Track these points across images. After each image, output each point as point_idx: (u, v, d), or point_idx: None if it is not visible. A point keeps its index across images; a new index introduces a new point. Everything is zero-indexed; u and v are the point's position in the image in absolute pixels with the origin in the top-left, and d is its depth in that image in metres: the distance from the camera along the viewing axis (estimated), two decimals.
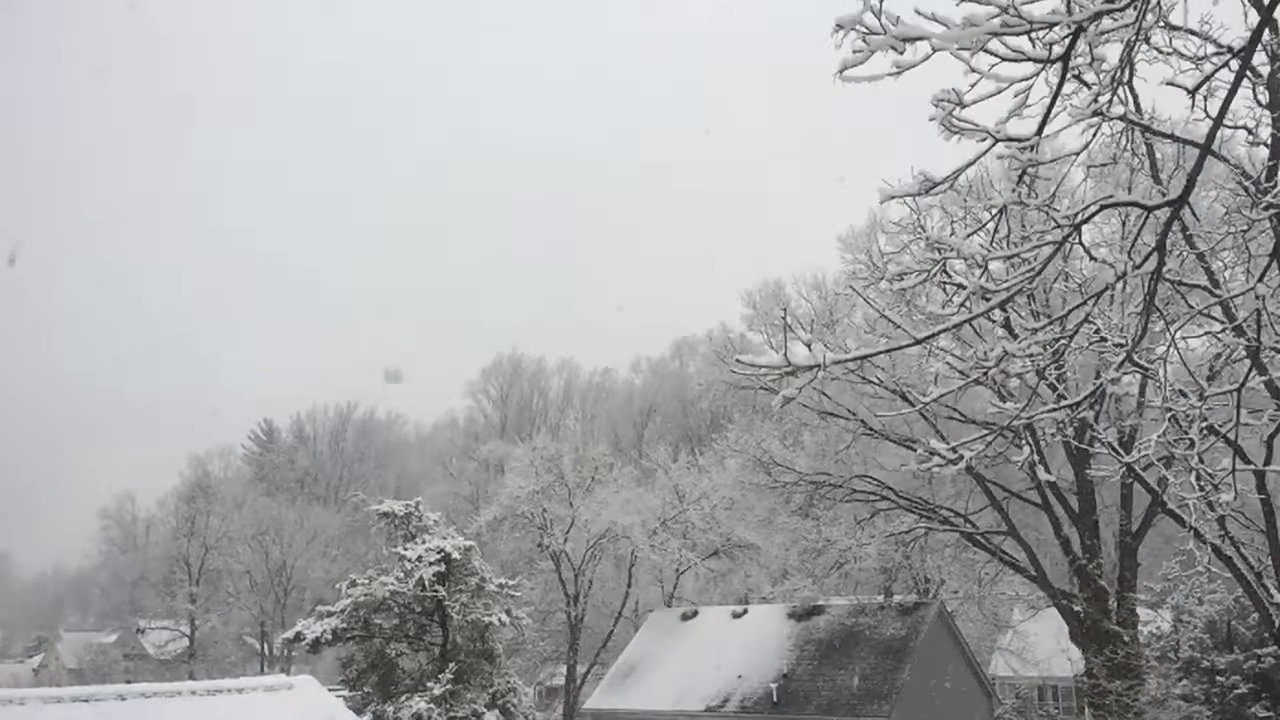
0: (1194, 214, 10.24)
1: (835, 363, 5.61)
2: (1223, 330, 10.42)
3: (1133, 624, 28.79)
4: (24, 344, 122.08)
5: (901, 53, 5.25)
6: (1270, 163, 11.24)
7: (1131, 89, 6.71)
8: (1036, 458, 23.60)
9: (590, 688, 44.03)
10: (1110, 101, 6.23)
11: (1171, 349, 8.37)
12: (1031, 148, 5.73)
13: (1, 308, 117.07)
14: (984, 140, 5.71)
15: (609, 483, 49.42)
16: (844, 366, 6.36)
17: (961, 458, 7.32)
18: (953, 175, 5.93)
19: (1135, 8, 5.59)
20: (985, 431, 8.26)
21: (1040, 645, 41.52)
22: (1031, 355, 7.35)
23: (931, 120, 5.66)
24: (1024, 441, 20.42)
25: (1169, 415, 8.54)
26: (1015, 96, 5.75)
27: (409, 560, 33.65)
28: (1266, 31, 6.13)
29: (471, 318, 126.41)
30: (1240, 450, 10.03)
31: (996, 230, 6.86)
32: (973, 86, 5.60)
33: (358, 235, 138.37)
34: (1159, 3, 6.28)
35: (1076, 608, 28.74)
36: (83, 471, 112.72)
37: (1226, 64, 7.72)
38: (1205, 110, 7.97)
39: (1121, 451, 11.44)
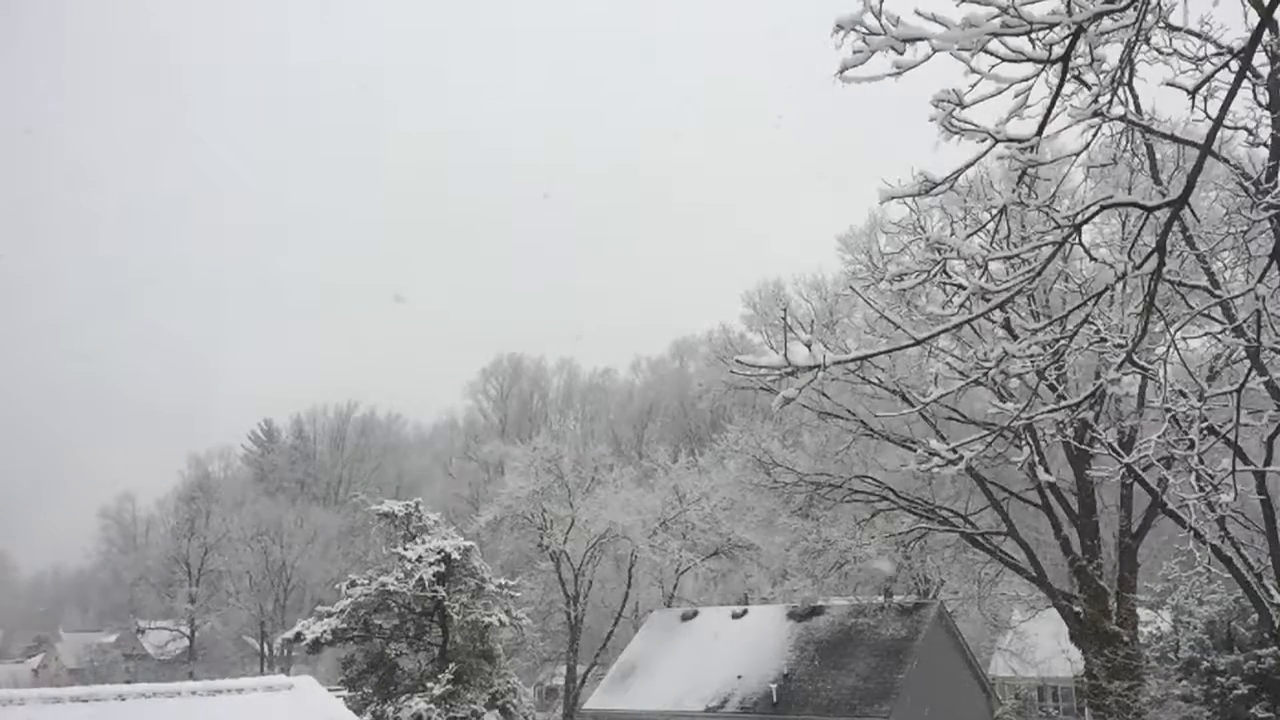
0: (1194, 215, 10.24)
1: (835, 363, 5.61)
2: (1223, 331, 10.41)
3: (1132, 624, 28.78)
4: (24, 344, 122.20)
5: (901, 53, 5.25)
6: (1270, 163, 11.25)
7: (1131, 89, 6.71)
8: (1036, 458, 23.60)
9: (590, 688, 44.03)
10: (1110, 102, 6.23)
11: (1171, 349, 8.37)
12: (1032, 148, 5.73)
13: (2, 307, 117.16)
14: (984, 141, 5.71)
15: (609, 483, 49.43)
16: (844, 367, 6.36)
17: (961, 458, 7.32)
18: (953, 175, 5.93)
19: (1135, 8, 5.59)
20: (985, 432, 8.26)
21: (1040, 646, 41.49)
22: (1031, 356, 7.35)
23: (932, 120, 5.66)
24: (1024, 442, 20.40)
25: (1169, 416, 8.54)
26: (1015, 97, 5.75)
27: (409, 560, 33.67)
28: (1266, 32, 6.13)
29: (471, 318, 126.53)
30: (1240, 451, 10.02)
31: (996, 231, 6.85)
32: (973, 87, 5.61)
33: (358, 235, 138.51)
34: (1159, 3, 6.28)
35: (1076, 608, 28.74)
36: (83, 471, 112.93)
37: (1226, 64, 7.72)
38: (1205, 111, 7.97)
39: (1121, 452, 11.44)
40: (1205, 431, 9.00)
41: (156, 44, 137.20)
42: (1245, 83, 9.49)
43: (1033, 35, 5.49)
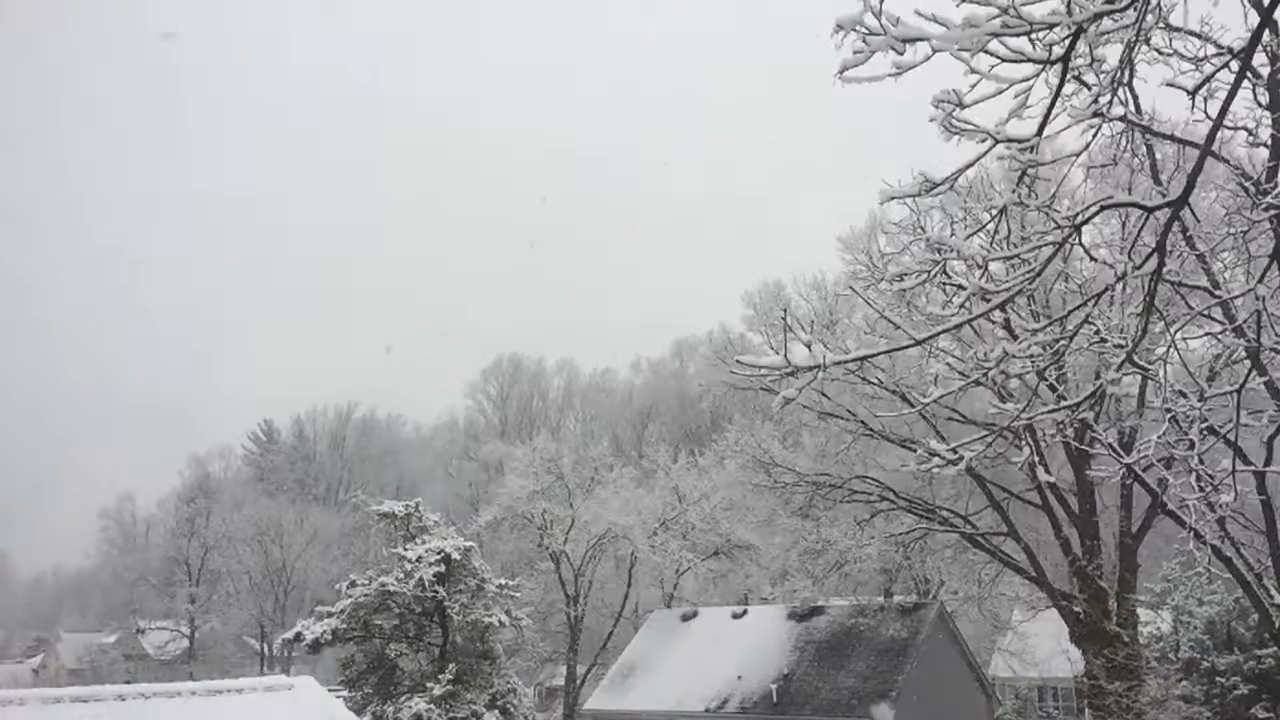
0: (1194, 215, 10.23)
1: (835, 363, 5.61)
2: (1223, 331, 10.41)
3: (1133, 625, 28.77)
4: (24, 344, 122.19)
5: (901, 53, 5.25)
6: (1270, 163, 11.25)
7: (1131, 90, 6.71)
8: (1036, 459, 23.58)
9: (590, 688, 44.03)
10: (1110, 102, 6.23)
11: (1171, 350, 8.37)
12: (1031, 148, 5.72)
13: (2, 307, 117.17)
14: (984, 141, 5.71)
15: (609, 483, 49.41)
16: (844, 367, 6.36)
17: (961, 458, 7.32)
18: (953, 176, 5.93)
19: (1135, 9, 5.59)
20: (985, 432, 8.25)
21: (1040, 646, 41.49)
22: (1031, 356, 7.34)
23: (932, 121, 5.66)
24: (1024, 442, 20.39)
25: (1169, 416, 8.53)
26: (1015, 97, 5.75)
27: (409, 561, 33.66)
28: (1266, 32, 6.13)
29: (471, 318, 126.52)
30: (1240, 451, 10.02)
31: (996, 231, 6.85)
32: (973, 87, 5.60)
33: (358, 235, 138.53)
34: (1159, 4, 6.28)
35: (1076, 608, 28.73)
36: (83, 471, 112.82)
37: (1226, 65, 7.73)
38: (1205, 111, 7.97)
39: (1121, 452, 11.43)
40: (1205, 432, 9.00)
41: (157, 44, 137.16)
42: (1245, 83, 9.50)
43: (1033, 35, 5.48)
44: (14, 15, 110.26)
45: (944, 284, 7.92)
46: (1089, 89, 6.31)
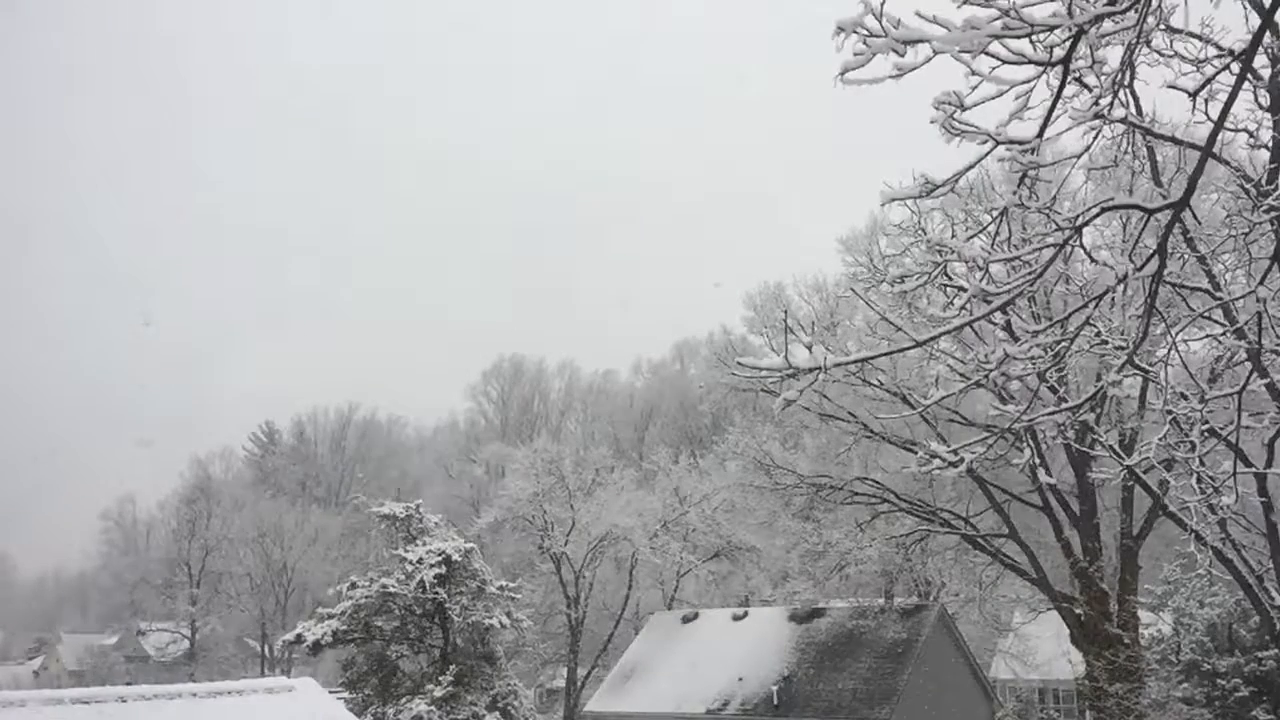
0: (1195, 217, 10.24)
1: (836, 365, 5.61)
2: (1224, 333, 10.40)
3: (1133, 627, 28.76)
4: (24, 344, 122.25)
5: (902, 55, 5.25)
6: (1271, 165, 11.24)
7: (1132, 92, 6.71)
8: (1037, 460, 23.57)
9: (591, 690, 44.00)
10: (1111, 104, 6.23)
11: (1172, 352, 8.35)
12: (1032, 150, 5.72)
13: (2, 307, 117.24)
14: (985, 143, 5.70)
15: (610, 485, 49.42)
16: (845, 369, 6.36)
17: (962, 460, 7.32)
18: (954, 178, 5.92)
19: (1136, 10, 5.59)
20: (986, 434, 8.26)
21: (1041, 648, 41.44)
22: (1032, 358, 7.34)
23: (932, 123, 5.66)
24: (1025, 444, 20.38)
25: (1170, 418, 8.52)
26: (1016, 99, 5.74)
27: (409, 562, 33.66)
28: (1267, 34, 6.13)
29: (471, 318, 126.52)
30: (1241, 453, 10.01)
31: (997, 233, 6.84)
32: (974, 89, 5.60)
33: (358, 235, 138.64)
34: (1160, 5, 6.28)
35: (1077, 610, 28.71)
36: (83, 473, 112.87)
37: (1227, 67, 7.72)
38: (1206, 113, 7.95)
39: (1122, 454, 11.43)
40: (1206, 434, 9.00)
41: (157, 44, 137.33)
42: (1246, 85, 9.50)
43: (1034, 37, 5.48)
44: (15, 14, 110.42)
45: (945, 286, 7.93)
46: (1090, 91, 6.31)
